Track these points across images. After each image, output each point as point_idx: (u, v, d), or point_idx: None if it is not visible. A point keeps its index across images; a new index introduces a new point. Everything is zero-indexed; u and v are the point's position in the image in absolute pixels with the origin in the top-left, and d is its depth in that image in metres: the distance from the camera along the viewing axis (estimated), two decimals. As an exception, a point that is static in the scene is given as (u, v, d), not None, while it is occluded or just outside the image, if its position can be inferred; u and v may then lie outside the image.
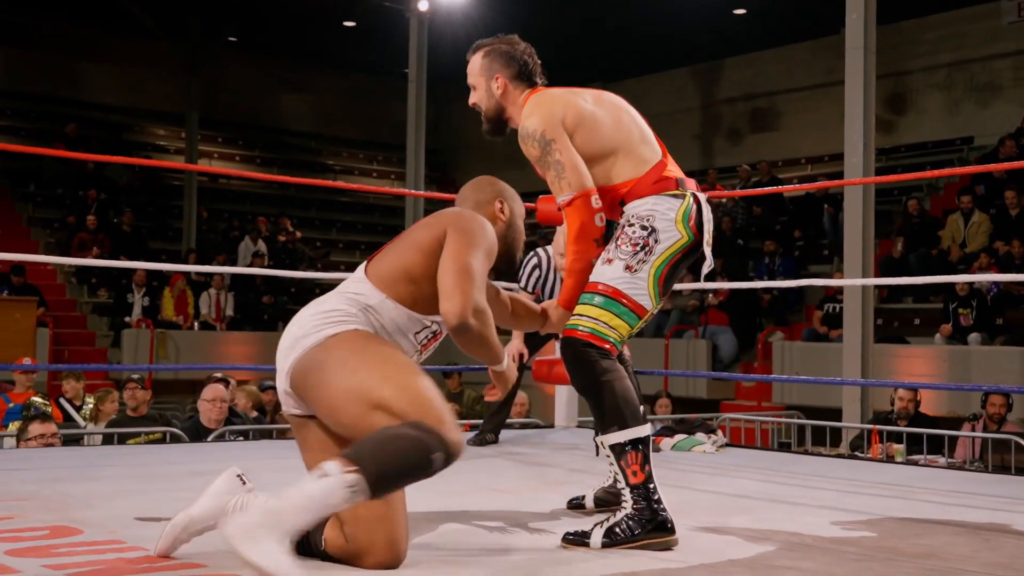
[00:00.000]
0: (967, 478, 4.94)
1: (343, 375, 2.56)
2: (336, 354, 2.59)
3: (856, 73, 9.06)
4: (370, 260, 2.84)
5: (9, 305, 12.50)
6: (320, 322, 2.65)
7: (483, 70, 3.34)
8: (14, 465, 4.46)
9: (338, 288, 2.78)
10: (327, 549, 2.61)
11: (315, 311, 2.70)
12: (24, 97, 18.94)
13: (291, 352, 2.66)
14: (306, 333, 2.65)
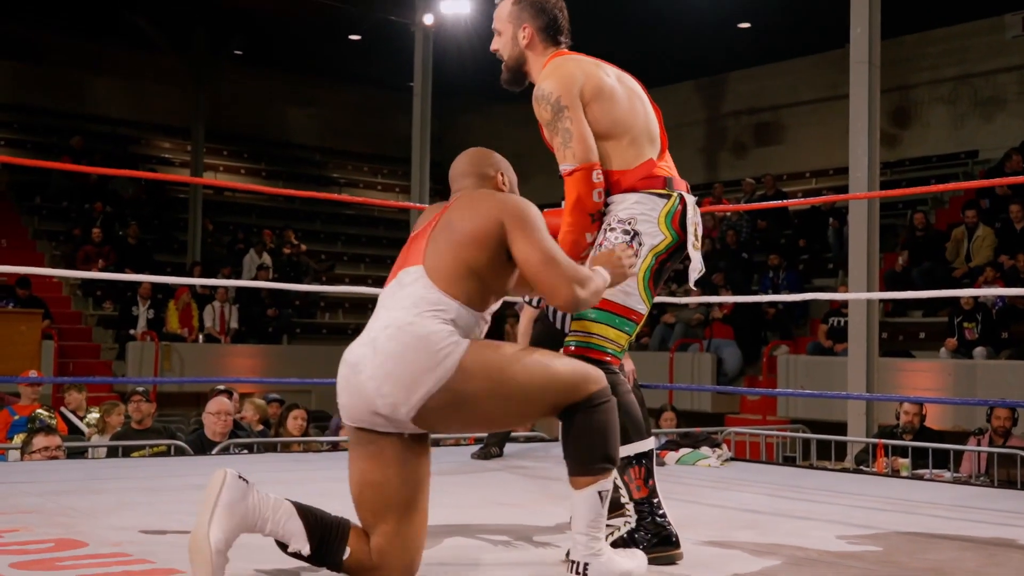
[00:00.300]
0: (973, 493, 4.93)
1: (496, 402, 2.60)
2: (476, 384, 2.56)
3: (860, 87, 9.06)
4: (411, 252, 2.73)
5: (15, 317, 12.51)
6: (432, 353, 2.54)
7: (511, 17, 3.25)
8: (19, 478, 4.46)
9: (408, 297, 2.61)
10: (347, 560, 2.60)
11: (415, 337, 2.54)
12: (31, 111, 18.99)
13: (412, 386, 2.53)
14: (425, 367, 2.53)
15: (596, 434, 2.64)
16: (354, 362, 2.60)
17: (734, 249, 15.37)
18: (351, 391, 2.60)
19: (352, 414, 2.63)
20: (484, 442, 5.76)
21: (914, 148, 16.86)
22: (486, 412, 2.62)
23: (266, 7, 15.95)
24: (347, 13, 15.67)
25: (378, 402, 2.55)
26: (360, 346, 2.62)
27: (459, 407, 2.57)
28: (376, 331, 2.60)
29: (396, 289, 2.67)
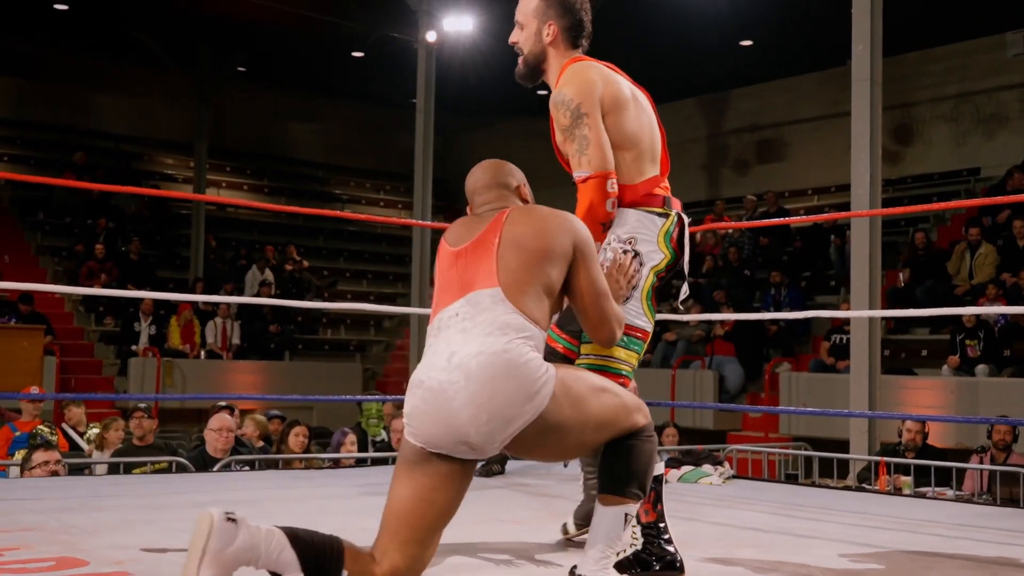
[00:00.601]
0: (975, 511, 4.91)
1: (578, 430, 2.62)
2: (565, 415, 2.57)
3: (862, 104, 9.07)
4: (477, 272, 2.63)
5: (17, 333, 12.51)
6: (530, 383, 2.50)
7: (537, 12, 3.22)
8: (20, 495, 4.45)
9: (492, 323, 2.53)
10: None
11: (512, 366, 2.49)
12: (34, 126, 19.04)
13: (512, 418, 2.50)
14: (525, 398, 2.50)
15: (639, 462, 2.70)
16: (438, 388, 2.51)
17: (736, 266, 15.36)
18: (436, 419, 2.51)
19: (434, 441, 2.54)
20: (486, 460, 5.75)
21: (916, 165, 16.87)
22: (568, 440, 2.63)
23: (269, 24, 16.00)
24: (350, 30, 15.72)
25: (471, 431, 2.49)
26: (443, 372, 2.51)
27: (547, 436, 2.57)
28: (465, 357, 2.50)
29: (473, 312, 2.57)
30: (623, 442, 2.69)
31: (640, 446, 2.71)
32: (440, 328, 2.62)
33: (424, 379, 2.55)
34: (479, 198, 2.84)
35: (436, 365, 2.54)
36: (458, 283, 2.65)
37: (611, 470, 2.70)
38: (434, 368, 2.54)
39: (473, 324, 2.55)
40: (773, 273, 14.52)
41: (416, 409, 2.55)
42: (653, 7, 13.83)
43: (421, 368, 2.60)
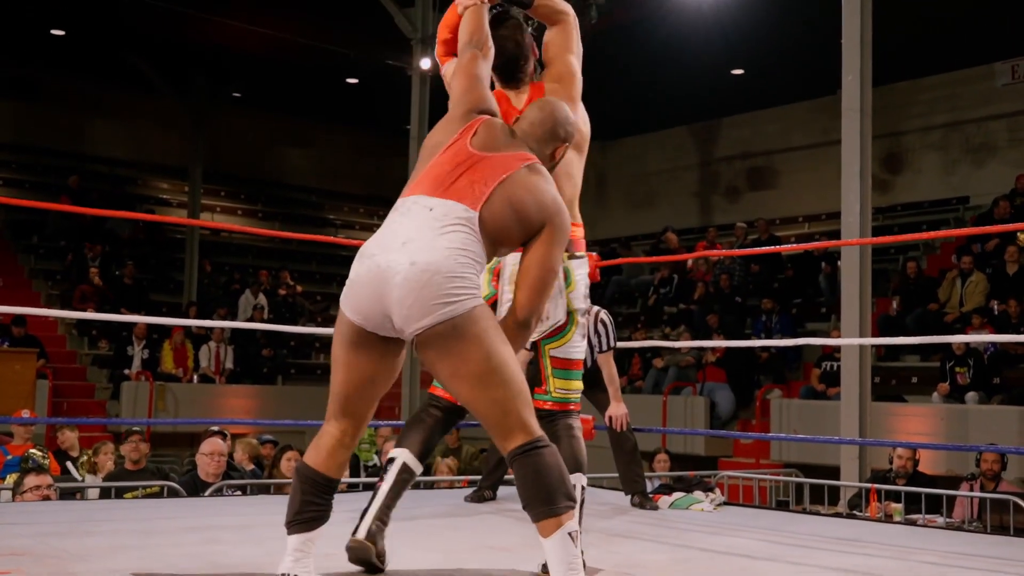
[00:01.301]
0: (966, 539, 4.91)
1: (481, 367, 2.68)
2: (473, 338, 2.68)
3: (852, 133, 9.09)
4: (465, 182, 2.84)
5: (9, 357, 12.46)
6: (458, 288, 2.67)
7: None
8: (10, 519, 4.42)
9: (455, 232, 2.73)
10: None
11: (451, 274, 2.67)
12: (29, 150, 19.04)
13: (429, 310, 2.65)
14: (447, 299, 2.66)
15: (551, 471, 2.65)
16: (385, 266, 2.69)
17: (727, 293, 15.38)
18: (372, 291, 2.70)
19: (364, 312, 2.73)
20: (478, 485, 5.74)
21: (906, 194, 16.93)
22: (463, 364, 2.68)
23: (265, 51, 16.05)
24: (345, 57, 15.77)
25: (395, 310, 2.67)
26: (394, 252, 2.70)
27: (448, 346, 2.67)
28: (419, 248, 2.68)
29: (444, 216, 2.76)
30: (524, 458, 2.65)
31: (541, 455, 2.66)
32: (408, 210, 2.82)
33: (376, 253, 2.74)
34: (527, 124, 3.11)
35: (390, 246, 2.73)
36: (449, 183, 2.85)
37: (531, 493, 2.65)
38: (388, 248, 2.72)
39: (439, 225, 2.74)
40: (764, 300, 14.54)
41: (360, 278, 2.75)
42: (645, 37, 13.89)
43: (375, 242, 2.80)
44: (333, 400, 2.88)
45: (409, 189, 2.90)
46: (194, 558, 3.57)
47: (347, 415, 2.87)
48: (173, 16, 14.56)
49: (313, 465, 2.86)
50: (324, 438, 2.89)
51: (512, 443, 2.67)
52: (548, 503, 2.62)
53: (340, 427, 2.88)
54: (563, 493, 2.64)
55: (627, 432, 5.59)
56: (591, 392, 5.64)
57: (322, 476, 2.85)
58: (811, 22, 12.94)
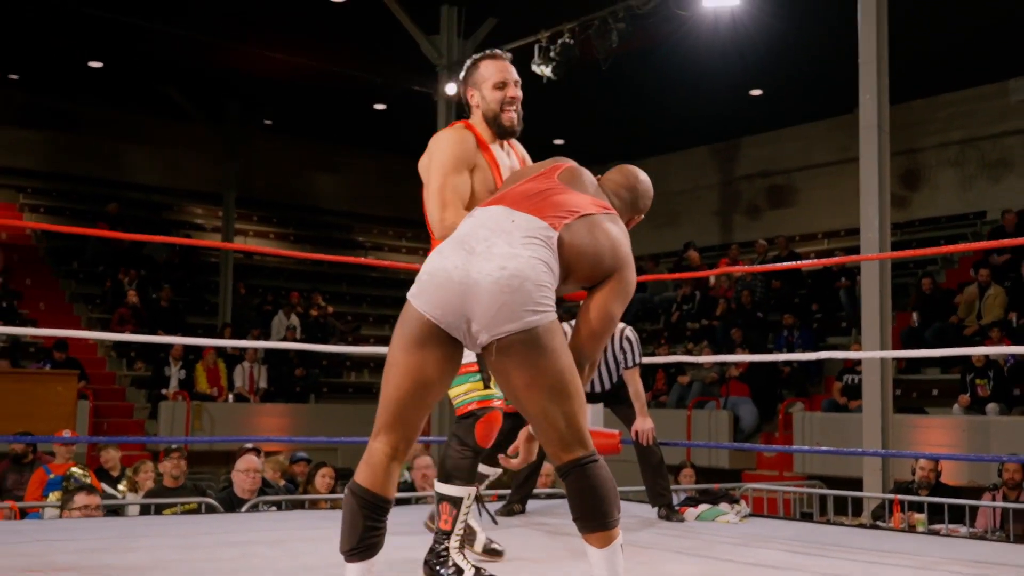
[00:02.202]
0: (989, 548, 4.86)
1: (551, 380, 2.64)
2: (550, 350, 2.64)
3: (870, 151, 9.07)
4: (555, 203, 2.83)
5: (51, 378, 12.57)
6: (545, 299, 2.66)
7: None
8: (55, 536, 4.46)
9: (540, 248, 2.70)
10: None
11: (540, 279, 2.65)
12: (68, 179, 19.22)
13: (516, 316, 2.61)
14: (535, 307, 2.63)
15: (605, 487, 2.67)
16: (475, 269, 2.63)
17: (749, 309, 15.33)
18: (457, 288, 2.63)
19: (442, 307, 2.64)
20: (507, 499, 5.74)
21: (924, 209, 16.85)
22: (540, 375, 2.63)
23: (294, 79, 16.17)
24: (372, 84, 15.86)
25: (478, 313, 2.61)
26: (480, 258, 2.65)
27: (527, 353, 2.61)
28: (505, 255, 2.65)
29: (527, 228, 2.73)
30: (582, 471, 2.65)
31: (598, 469, 2.66)
32: (489, 217, 2.78)
33: (459, 254, 2.67)
34: (613, 184, 3.15)
35: (474, 248, 2.68)
36: (534, 203, 2.82)
37: (586, 506, 2.66)
38: (473, 251, 2.67)
39: (521, 236, 2.71)
40: (785, 315, 14.49)
41: (440, 275, 2.66)
42: (666, 59, 13.91)
43: (455, 243, 2.72)
44: (385, 410, 2.73)
45: (489, 202, 2.89)
46: (232, 572, 3.58)
47: (398, 426, 2.72)
48: (206, 47, 14.70)
49: (369, 487, 2.71)
50: (375, 455, 2.73)
51: (571, 455, 2.66)
52: (603, 517, 2.64)
53: (391, 442, 2.73)
54: (615, 507, 2.67)
55: (653, 446, 5.58)
56: (618, 407, 5.64)
57: (379, 498, 2.71)
58: (828, 42, 12.94)
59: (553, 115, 16.17)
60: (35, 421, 10.42)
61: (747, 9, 11.58)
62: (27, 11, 13.62)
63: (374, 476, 2.71)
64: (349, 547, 2.69)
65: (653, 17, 11.32)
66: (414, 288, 2.70)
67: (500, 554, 3.58)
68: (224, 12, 13.85)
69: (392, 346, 2.71)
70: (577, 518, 2.68)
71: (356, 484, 2.72)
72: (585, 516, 2.66)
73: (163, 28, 13.85)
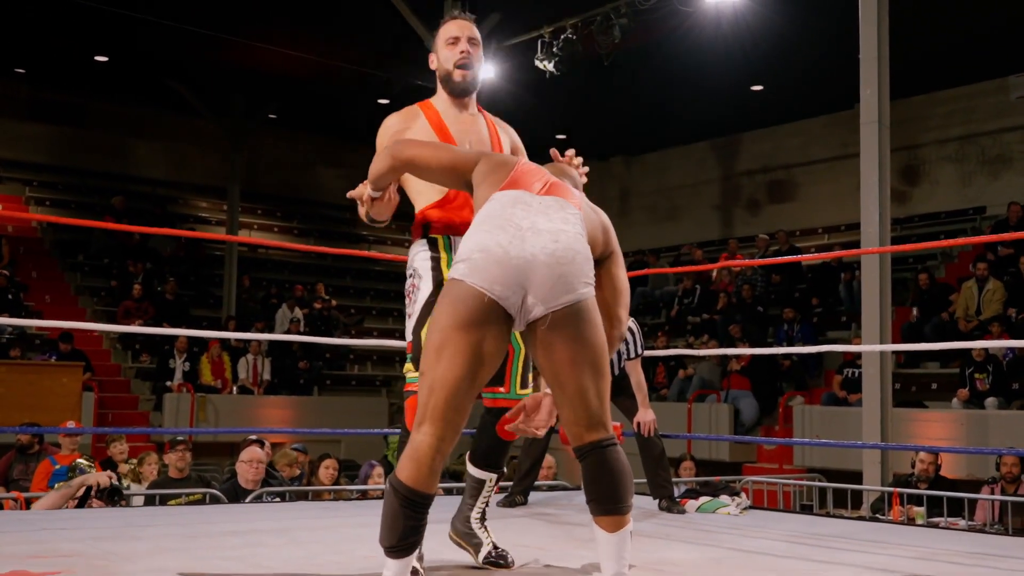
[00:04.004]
0: (988, 541, 4.85)
1: (593, 346, 2.67)
2: (593, 320, 2.69)
3: (871, 146, 9.05)
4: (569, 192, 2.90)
5: (57, 370, 12.56)
6: (591, 272, 2.72)
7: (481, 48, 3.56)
8: (61, 524, 4.46)
9: (576, 226, 2.75)
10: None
11: (587, 253, 2.73)
12: (74, 172, 19.22)
13: (572, 286, 2.64)
14: (586, 279, 2.69)
15: (623, 472, 2.68)
16: (531, 243, 2.64)
17: (749, 303, 15.32)
18: (514, 261, 2.62)
19: (500, 280, 2.61)
20: (509, 491, 5.73)
21: (923, 204, 16.83)
22: (586, 346, 2.64)
23: (299, 74, 16.15)
24: (376, 78, 15.85)
25: (536, 282, 2.61)
26: (529, 233, 2.65)
27: (578, 325, 2.63)
28: (554, 230, 2.68)
29: (560, 208, 2.78)
30: (604, 452, 2.65)
31: (618, 453, 2.68)
32: (518, 201, 2.78)
33: (506, 231, 2.66)
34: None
35: (521, 225, 2.68)
36: (545, 188, 2.86)
37: (603, 489, 2.65)
38: (520, 228, 2.67)
39: (557, 214, 2.75)
40: (786, 309, 14.48)
41: (495, 251, 2.63)
42: (667, 55, 13.88)
43: (494, 223, 2.70)
44: (433, 396, 2.59)
45: (505, 186, 2.86)
46: (238, 560, 3.58)
47: (450, 413, 2.59)
48: (211, 42, 14.68)
49: (414, 485, 2.58)
50: (421, 449, 2.59)
51: (594, 435, 2.67)
52: (618, 501, 2.65)
53: (437, 433, 2.59)
54: (630, 493, 2.68)
55: (655, 438, 5.57)
56: (619, 399, 5.62)
57: (423, 495, 2.59)
58: (829, 38, 12.92)
59: (556, 109, 16.15)
60: (41, 412, 10.42)
61: (748, 5, 11.55)
62: (33, 6, 13.60)
63: (418, 472, 2.58)
64: (390, 544, 2.62)
65: (655, 13, 11.30)
66: (463, 267, 2.64)
67: (506, 566, 3.49)
68: (229, 7, 13.83)
69: (441, 327, 2.62)
70: (592, 499, 2.67)
71: (399, 481, 2.60)
72: (600, 498, 2.65)
73: (169, 23, 13.83)
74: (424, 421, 2.60)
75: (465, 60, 3.44)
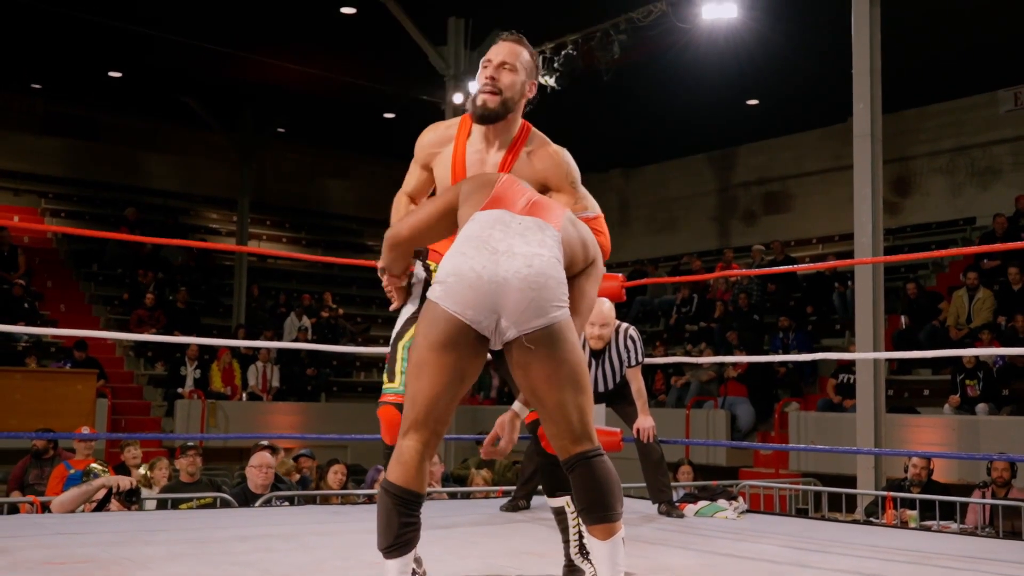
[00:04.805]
0: (979, 544, 4.84)
1: (569, 364, 2.68)
2: (567, 342, 2.68)
3: (863, 159, 9.06)
4: (550, 212, 2.86)
5: (71, 377, 12.57)
6: (564, 295, 2.71)
7: (529, 67, 3.20)
8: (75, 529, 4.46)
9: (551, 249, 2.73)
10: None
11: (559, 276, 2.71)
12: (89, 185, 19.25)
13: (544, 311, 2.65)
14: (558, 303, 2.67)
15: (611, 480, 2.69)
16: (503, 268, 2.63)
17: (745, 311, 15.31)
18: (486, 286, 2.62)
19: (472, 305, 2.62)
20: (512, 495, 5.73)
21: (915, 215, 16.82)
22: (563, 374, 2.65)
23: (307, 89, 16.19)
24: (382, 93, 15.87)
25: (509, 307, 2.62)
26: (503, 257, 2.65)
27: (552, 346, 2.65)
28: (528, 254, 2.67)
29: (537, 230, 2.76)
30: (590, 463, 2.67)
31: (604, 463, 2.69)
32: (496, 220, 2.77)
33: (480, 255, 2.66)
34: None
35: (497, 248, 2.68)
36: (527, 207, 2.85)
37: (593, 498, 2.67)
38: (495, 251, 2.67)
39: (533, 237, 2.74)
40: (781, 318, 14.47)
41: (467, 276, 2.63)
42: (665, 70, 13.90)
43: (470, 245, 2.69)
44: (415, 409, 2.68)
45: (486, 205, 2.84)
46: (248, 565, 3.58)
47: (430, 422, 2.68)
48: (221, 58, 14.72)
49: (402, 484, 2.66)
50: (407, 452, 2.68)
51: (579, 448, 2.68)
52: (609, 509, 2.66)
53: (421, 438, 2.68)
54: (619, 501, 2.69)
55: (654, 444, 5.56)
56: (619, 405, 5.63)
57: (412, 493, 2.66)
58: (822, 54, 12.91)
59: (556, 124, 16.13)
60: (56, 418, 10.43)
61: (744, 22, 11.56)
62: (49, 24, 13.64)
63: (406, 473, 2.66)
64: (387, 544, 2.66)
65: (654, 29, 11.32)
66: (438, 289, 2.66)
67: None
68: (239, 24, 13.87)
69: (419, 346, 2.68)
70: (582, 510, 2.69)
71: (389, 483, 2.68)
72: (590, 508, 2.67)
73: (180, 40, 13.87)
74: (409, 430, 2.68)
75: (486, 86, 3.14)
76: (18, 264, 15.79)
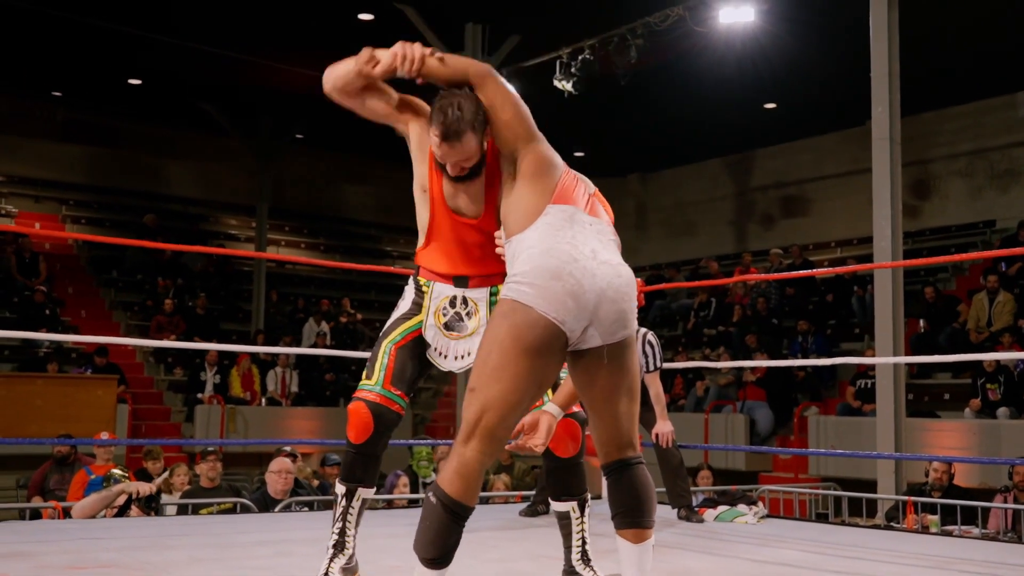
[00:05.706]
0: (1001, 549, 4.81)
1: (631, 390, 2.70)
2: (636, 362, 2.72)
3: (882, 162, 9.03)
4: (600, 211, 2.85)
5: (92, 383, 12.63)
6: (636, 309, 2.71)
7: (479, 128, 3.00)
8: (97, 534, 4.48)
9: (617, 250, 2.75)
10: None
11: (635, 289, 2.71)
12: (109, 191, 19.34)
13: (628, 322, 2.64)
14: (634, 314, 2.68)
15: (649, 488, 2.72)
16: (599, 276, 2.58)
17: (764, 316, 15.26)
18: (585, 299, 2.55)
19: (570, 311, 2.54)
20: (531, 500, 5.73)
21: (934, 218, 16.75)
22: (627, 383, 2.67)
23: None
24: (400, 99, 15.89)
25: (601, 315, 2.58)
26: (591, 262, 2.60)
27: (625, 357, 2.65)
28: (612, 262, 2.65)
29: (603, 227, 2.75)
30: (633, 470, 2.70)
31: (644, 470, 2.72)
32: (574, 220, 2.69)
33: (573, 259, 2.58)
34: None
35: (583, 253, 2.61)
36: (589, 206, 2.79)
37: (632, 503, 2.69)
38: (584, 256, 2.60)
39: (608, 240, 2.73)
40: (800, 322, 14.42)
41: (565, 281, 2.55)
42: (682, 74, 13.89)
43: (556, 244, 2.60)
44: (487, 414, 2.52)
45: (556, 199, 2.72)
46: (268, 570, 3.59)
47: (498, 432, 2.54)
48: (240, 65, 14.78)
49: (459, 498, 2.51)
50: (471, 465, 2.52)
51: (622, 454, 2.70)
52: (644, 515, 2.69)
53: (485, 450, 2.53)
54: (654, 509, 2.73)
55: (673, 449, 5.55)
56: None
57: (469, 509, 2.54)
58: (840, 57, 12.89)
59: (574, 128, 16.16)
60: (76, 424, 10.48)
61: (761, 25, 11.54)
62: (69, 32, 13.72)
63: (466, 487, 2.52)
64: (434, 556, 2.53)
65: (671, 33, 11.30)
66: (531, 292, 2.53)
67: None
68: (257, 31, 13.93)
69: (504, 348, 2.52)
70: (618, 513, 2.70)
71: (445, 495, 2.52)
72: (627, 512, 2.69)
73: (199, 47, 13.93)
74: (473, 437, 2.53)
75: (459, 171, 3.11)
76: (39, 271, 15.89)
